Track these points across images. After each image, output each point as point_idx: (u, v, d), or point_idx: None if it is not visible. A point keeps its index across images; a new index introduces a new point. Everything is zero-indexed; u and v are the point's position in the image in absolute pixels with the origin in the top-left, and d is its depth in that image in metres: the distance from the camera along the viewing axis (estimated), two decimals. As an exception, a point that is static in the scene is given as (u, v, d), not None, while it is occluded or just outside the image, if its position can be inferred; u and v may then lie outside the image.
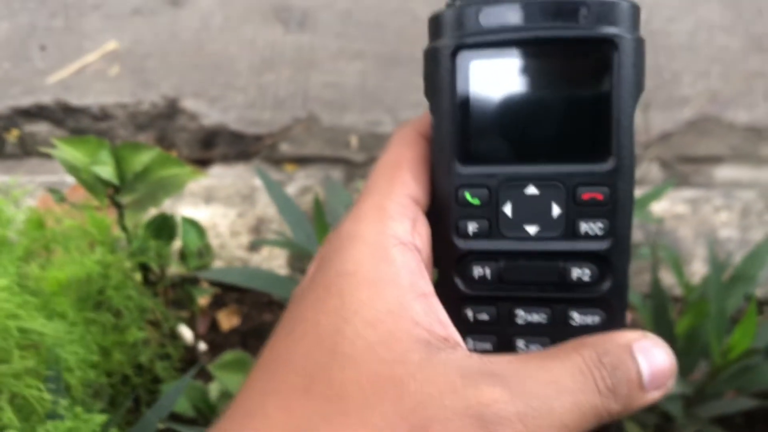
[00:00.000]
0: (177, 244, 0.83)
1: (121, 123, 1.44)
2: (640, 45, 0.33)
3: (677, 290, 1.05)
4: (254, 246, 1.15)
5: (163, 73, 1.50)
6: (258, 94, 1.46)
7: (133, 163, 0.73)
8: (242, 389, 0.31)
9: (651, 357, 0.32)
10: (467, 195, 0.34)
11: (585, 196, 0.33)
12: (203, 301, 1.03)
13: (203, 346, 0.96)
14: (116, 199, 0.76)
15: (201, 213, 1.20)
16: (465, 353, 0.30)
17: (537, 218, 0.34)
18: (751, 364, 0.77)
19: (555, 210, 0.34)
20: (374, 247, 0.32)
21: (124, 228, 0.78)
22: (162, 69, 1.51)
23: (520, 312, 0.35)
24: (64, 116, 1.44)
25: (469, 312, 0.35)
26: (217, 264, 1.13)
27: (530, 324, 0.35)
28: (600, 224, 0.33)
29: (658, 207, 1.20)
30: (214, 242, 1.16)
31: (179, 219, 0.82)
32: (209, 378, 0.92)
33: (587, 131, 0.34)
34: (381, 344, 0.29)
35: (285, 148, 1.38)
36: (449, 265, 0.35)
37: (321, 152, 1.37)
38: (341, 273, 0.31)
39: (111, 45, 1.56)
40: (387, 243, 0.32)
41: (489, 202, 0.34)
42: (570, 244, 0.34)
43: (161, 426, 0.67)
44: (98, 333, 0.73)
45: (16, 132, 1.43)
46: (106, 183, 0.74)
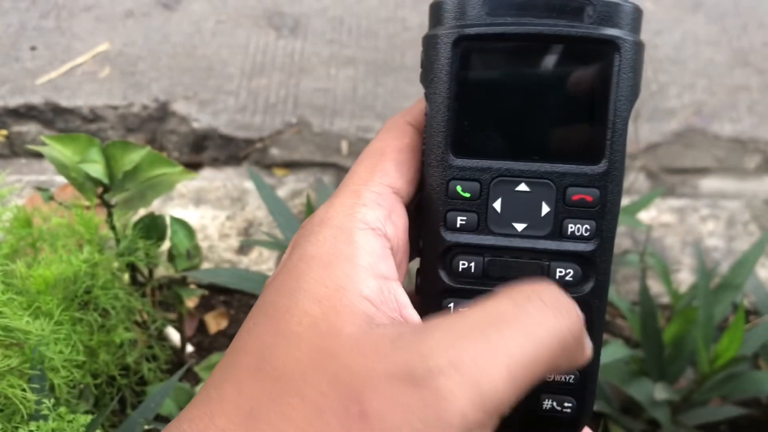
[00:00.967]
0: (166, 245, 0.83)
1: (112, 125, 1.43)
2: (640, 49, 0.33)
3: (665, 298, 1.06)
4: (243, 248, 1.14)
5: (155, 76, 1.50)
6: (249, 99, 1.46)
7: (123, 162, 0.73)
8: (209, 377, 0.31)
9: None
10: (458, 188, 0.34)
11: (575, 197, 0.34)
12: (191, 303, 1.03)
13: (190, 348, 0.96)
14: (105, 198, 0.75)
15: (190, 215, 1.20)
16: (407, 326, 0.29)
17: (525, 216, 0.34)
18: (738, 372, 0.77)
19: (544, 208, 0.34)
20: (339, 230, 0.32)
21: (113, 227, 0.77)
22: (153, 72, 1.50)
23: None
24: (54, 117, 1.43)
25: (451, 305, 0.35)
26: (206, 266, 1.12)
27: None
28: (587, 225, 0.34)
29: (646, 216, 1.22)
30: (203, 244, 1.15)
31: (169, 219, 0.82)
32: (196, 380, 0.91)
33: (582, 132, 0.34)
34: (323, 319, 0.29)
35: (275, 153, 1.38)
36: (434, 257, 0.35)
37: (311, 157, 1.37)
38: (303, 257, 0.32)
39: (102, 47, 1.55)
40: (353, 226, 0.32)
41: (479, 197, 0.34)
42: (556, 244, 0.34)
43: (147, 428, 0.66)
44: (84, 333, 0.72)
45: (5, 132, 1.42)
46: (96, 181, 0.73)
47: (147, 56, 1.53)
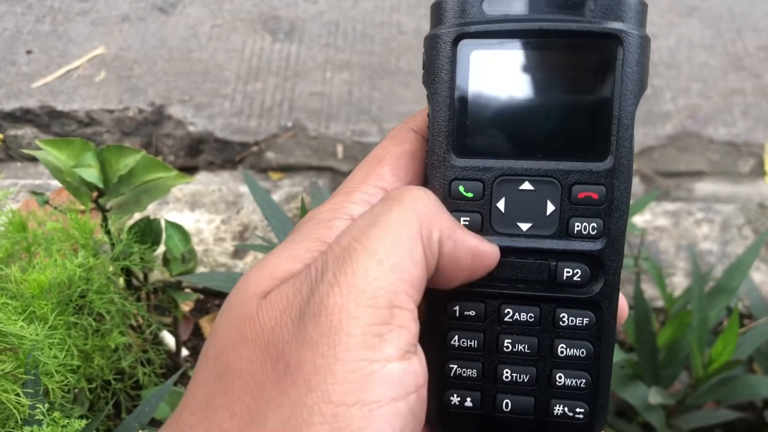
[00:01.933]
0: (161, 249, 0.83)
1: (107, 129, 1.43)
2: (646, 43, 0.33)
3: (659, 302, 1.06)
4: (239, 252, 1.14)
5: (150, 80, 1.50)
6: (245, 103, 1.46)
7: (118, 166, 0.73)
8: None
9: None
10: (461, 188, 0.34)
11: (581, 195, 0.33)
12: (186, 307, 1.02)
13: (185, 352, 0.96)
14: (100, 203, 0.75)
15: (186, 218, 1.20)
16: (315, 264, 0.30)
17: (530, 215, 0.33)
18: (732, 376, 0.78)
19: (549, 207, 0.33)
20: (320, 221, 0.32)
21: (108, 232, 0.77)
22: (149, 76, 1.50)
23: (508, 310, 0.34)
24: (50, 120, 1.43)
25: (457, 308, 0.34)
26: (201, 270, 1.12)
27: (517, 322, 0.34)
28: (594, 224, 0.33)
29: (640, 219, 1.22)
30: (199, 248, 1.15)
31: (163, 224, 0.81)
32: (191, 385, 0.90)
33: (587, 128, 0.33)
34: (249, 292, 0.30)
35: (271, 157, 1.38)
36: None
37: (307, 161, 1.37)
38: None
39: (98, 51, 1.55)
40: (335, 217, 0.32)
41: (483, 197, 0.34)
42: (563, 243, 0.33)
43: (141, 432, 0.66)
44: (79, 337, 0.72)
45: (0, 135, 1.42)
46: (91, 186, 0.73)
47: (143, 60, 1.53)
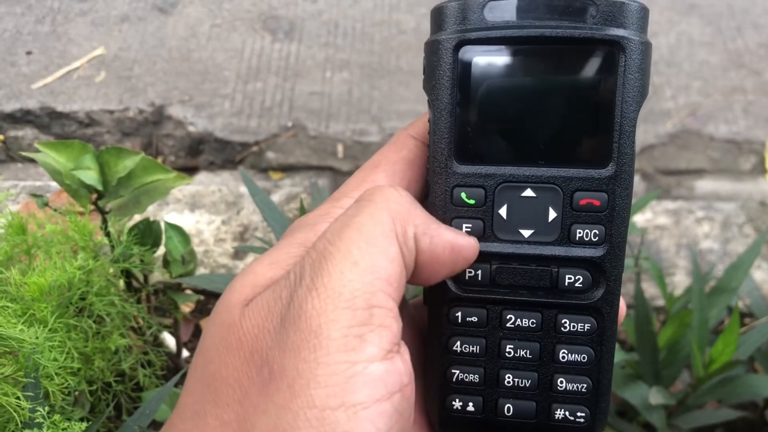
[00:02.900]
0: (161, 251, 0.82)
1: (108, 129, 1.43)
2: (647, 49, 0.33)
3: (660, 301, 1.06)
4: (239, 253, 1.14)
5: (150, 80, 1.49)
6: (245, 102, 1.46)
7: (117, 169, 0.73)
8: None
9: None
10: (463, 195, 0.34)
11: (582, 202, 0.33)
12: (187, 308, 1.02)
13: (186, 353, 0.96)
14: (100, 205, 0.75)
15: (186, 219, 1.20)
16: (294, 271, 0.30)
17: (532, 221, 0.34)
18: (733, 376, 0.77)
19: (551, 214, 0.33)
20: (306, 226, 0.33)
21: (108, 234, 0.77)
22: (149, 76, 1.50)
23: (510, 316, 0.34)
24: (50, 121, 1.43)
25: (459, 313, 0.34)
26: (201, 271, 1.12)
27: (519, 328, 0.34)
28: (596, 230, 0.33)
29: (641, 218, 1.22)
30: (199, 249, 1.15)
31: (163, 225, 0.81)
32: (192, 386, 0.90)
33: (588, 135, 0.33)
34: (231, 301, 0.30)
35: (271, 156, 1.38)
36: None
37: (307, 160, 1.37)
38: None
39: (98, 51, 1.55)
40: (320, 221, 0.32)
41: (484, 203, 0.34)
42: (564, 250, 0.33)
43: (142, 434, 0.66)
44: (79, 340, 0.72)
45: (1, 137, 1.42)
46: (90, 188, 0.73)
47: (143, 60, 1.53)
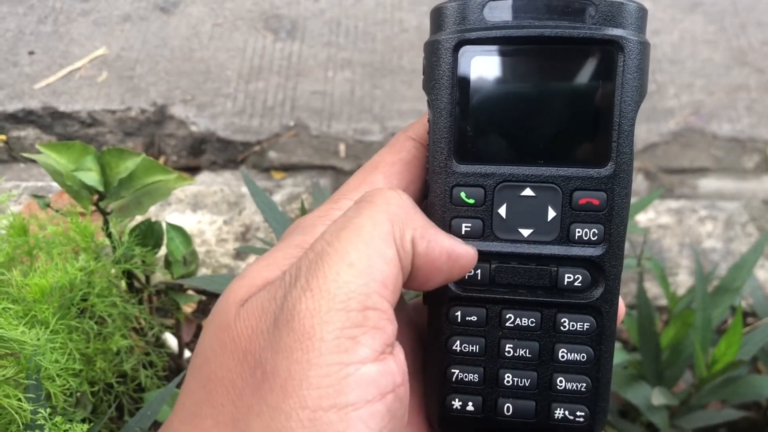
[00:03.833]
0: (162, 251, 0.83)
1: (110, 129, 1.43)
2: (646, 48, 0.33)
3: (663, 300, 1.06)
4: (241, 253, 1.14)
5: (152, 80, 1.49)
6: (247, 102, 1.46)
7: (119, 170, 0.73)
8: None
9: None
10: (462, 194, 0.34)
11: (581, 201, 0.33)
12: (189, 309, 1.03)
13: (188, 354, 0.96)
14: (101, 206, 0.75)
15: (188, 220, 1.20)
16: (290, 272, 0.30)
17: (532, 221, 0.34)
18: (736, 376, 0.77)
19: (550, 213, 0.34)
20: (303, 227, 0.33)
21: (109, 235, 0.77)
22: (151, 76, 1.50)
23: (510, 315, 0.34)
24: (52, 121, 1.43)
25: (458, 313, 0.35)
26: (203, 271, 1.12)
27: (519, 327, 0.34)
28: (595, 229, 0.33)
29: (644, 217, 1.21)
30: (201, 249, 1.15)
31: (165, 226, 0.81)
32: (194, 387, 0.91)
33: (587, 135, 0.33)
34: (229, 302, 0.30)
35: (273, 156, 1.38)
36: None
37: (309, 160, 1.37)
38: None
39: (100, 51, 1.55)
40: (318, 223, 0.33)
41: (484, 203, 0.34)
42: (563, 249, 0.34)
43: (144, 435, 0.66)
44: (81, 341, 0.72)
45: (3, 137, 1.42)
46: (91, 189, 0.73)
47: (145, 60, 1.53)
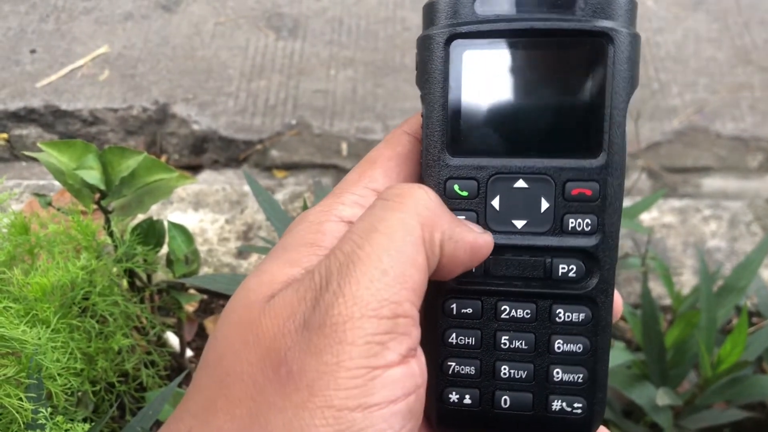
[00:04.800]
0: (164, 250, 0.82)
1: (111, 128, 1.43)
2: (636, 40, 0.33)
3: (667, 300, 1.05)
4: (242, 252, 1.14)
5: (154, 79, 1.49)
6: (249, 101, 1.46)
7: (120, 168, 0.72)
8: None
9: None
10: (456, 187, 0.34)
11: (574, 191, 0.33)
12: (190, 308, 1.02)
13: (190, 353, 0.95)
14: (103, 204, 0.75)
15: (190, 218, 1.19)
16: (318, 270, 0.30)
17: (525, 212, 0.34)
18: (741, 376, 0.77)
19: (543, 204, 0.34)
20: (310, 224, 0.33)
21: (111, 233, 0.77)
22: (153, 74, 1.50)
23: (505, 307, 0.34)
24: (54, 120, 1.43)
25: (454, 305, 0.35)
26: (205, 270, 1.12)
27: (514, 319, 0.34)
28: (588, 220, 0.33)
29: (647, 217, 1.21)
30: (203, 248, 1.15)
31: (166, 224, 0.81)
32: (195, 386, 0.90)
33: (579, 126, 0.33)
34: (250, 299, 0.30)
35: (275, 155, 1.37)
36: None
37: (311, 159, 1.37)
38: (270, 252, 0.33)
39: (102, 49, 1.55)
40: (325, 219, 0.33)
41: (477, 195, 0.34)
42: (557, 240, 0.34)
43: (145, 435, 0.66)
44: (82, 340, 0.72)
45: (5, 135, 1.42)
46: (93, 188, 0.73)
47: (146, 59, 1.53)
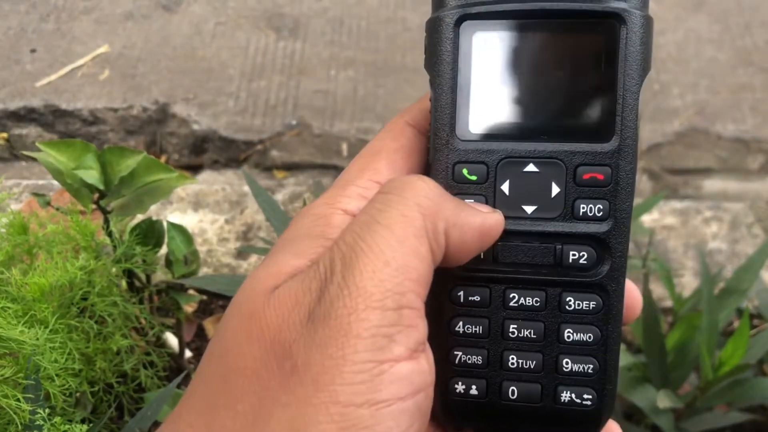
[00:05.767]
0: (163, 250, 0.82)
1: (111, 127, 1.42)
2: (649, 22, 0.32)
3: (668, 302, 1.05)
4: (242, 253, 1.13)
5: (154, 78, 1.49)
6: (249, 101, 1.45)
7: (120, 168, 0.72)
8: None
9: None
10: (464, 171, 0.33)
11: (586, 176, 0.32)
12: (190, 308, 1.02)
13: (189, 354, 0.95)
14: (102, 204, 0.74)
15: (189, 219, 1.19)
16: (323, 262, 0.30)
17: (535, 197, 0.33)
18: (743, 379, 0.76)
19: (554, 189, 0.33)
20: (317, 217, 0.32)
21: (110, 233, 0.77)
22: (153, 74, 1.50)
23: (514, 295, 0.33)
24: (54, 120, 1.43)
25: (461, 293, 0.34)
26: (205, 270, 1.11)
27: (523, 307, 0.33)
28: (600, 205, 0.32)
29: (648, 218, 1.20)
30: (202, 249, 1.14)
31: (166, 225, 0.81)
32: (194, 387, 0.90)
33: (591, 109, 0.33)
34: (255, 291, 0.30)
35: (275, 155, 1.37)
36: None
37: (311, 159, 1.36)
38: (275, 245, 0.33)
39: (102, 49, 1.55)
40: (331, 212, 0.32)
41: (486, 179, 0.33)
42: (568, 226, 0.33)
43: (144, 436, 0.65)
44: (81, 341, 0.71)
45: (5, 135, 1.42)
46: (92, 187, 0.72)
47: (147, 58, 1.53)
